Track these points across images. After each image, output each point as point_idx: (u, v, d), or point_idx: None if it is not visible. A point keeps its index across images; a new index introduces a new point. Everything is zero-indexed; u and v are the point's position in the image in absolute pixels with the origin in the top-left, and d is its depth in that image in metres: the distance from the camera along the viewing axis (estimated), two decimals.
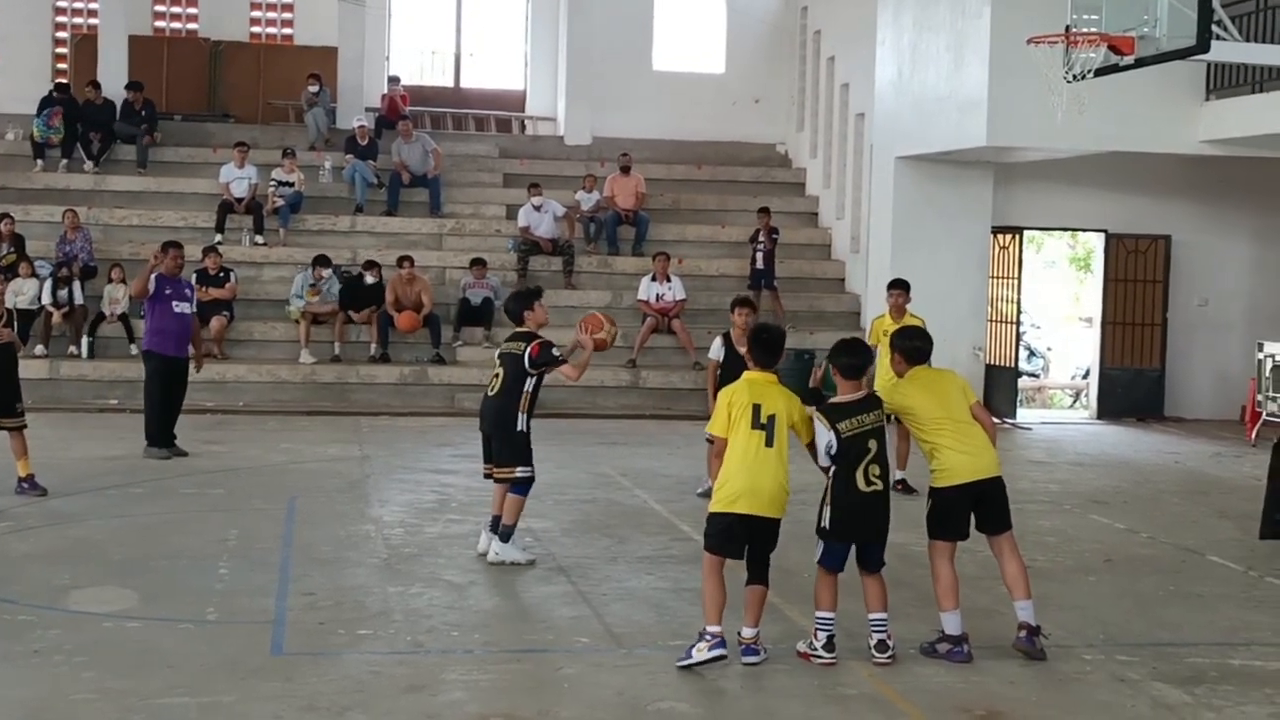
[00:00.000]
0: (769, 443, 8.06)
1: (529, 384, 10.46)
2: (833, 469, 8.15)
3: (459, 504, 12.81)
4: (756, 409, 8.11)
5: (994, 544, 8.57)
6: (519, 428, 10.46)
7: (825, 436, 8.12)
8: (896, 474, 12.10)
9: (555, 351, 10.50)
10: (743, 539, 8.12)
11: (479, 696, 7.45)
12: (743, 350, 11.34)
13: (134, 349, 19.04)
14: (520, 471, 10.50)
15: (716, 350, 13.02)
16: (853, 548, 8.27)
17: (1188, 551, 11.70)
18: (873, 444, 8.14)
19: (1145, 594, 10.16)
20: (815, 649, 8.18)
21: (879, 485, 8.15)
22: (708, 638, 8.00)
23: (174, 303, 14.76)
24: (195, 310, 15.32)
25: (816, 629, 8.21)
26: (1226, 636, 9.04)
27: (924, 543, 8.57)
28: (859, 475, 8.10)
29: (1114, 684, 7.93)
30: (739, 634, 8.12)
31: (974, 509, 8.45)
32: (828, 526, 8.18)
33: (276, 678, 7.65)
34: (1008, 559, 8.51)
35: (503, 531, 10.49)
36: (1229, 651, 8.65)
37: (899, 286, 14.05)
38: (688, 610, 9.07)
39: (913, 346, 8.66)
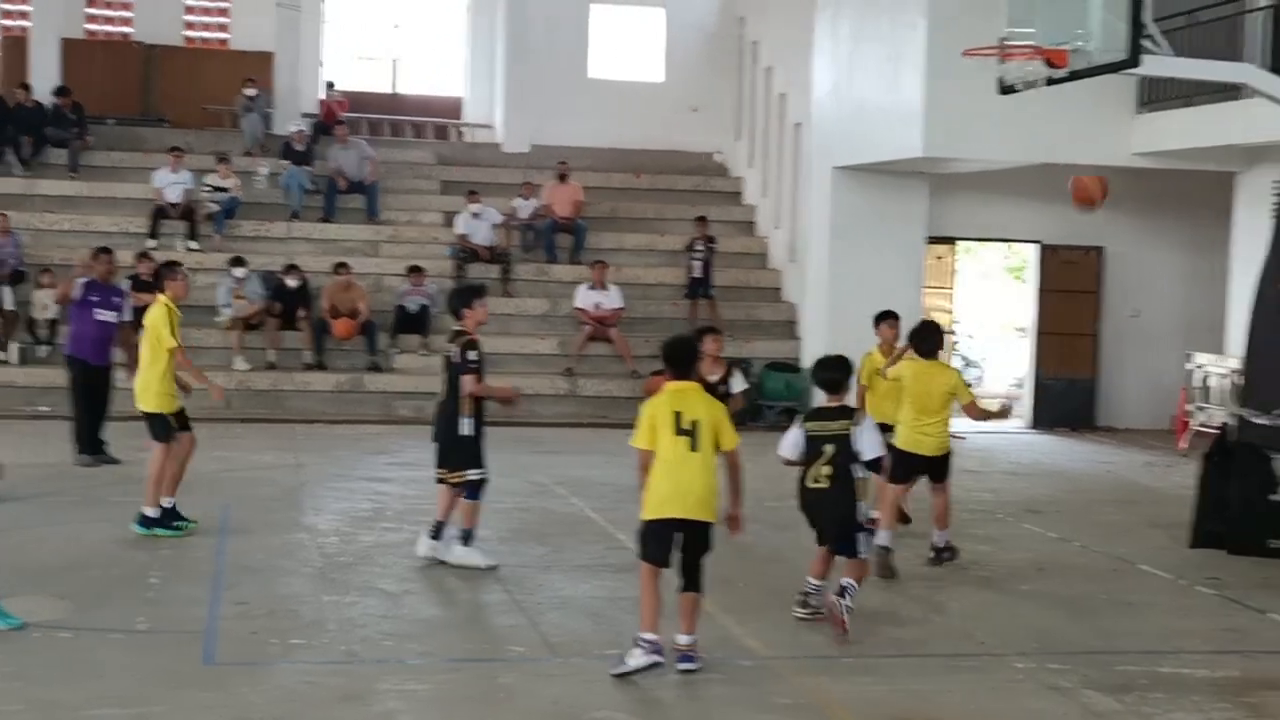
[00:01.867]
0: (693, 447, 8.10)
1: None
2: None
3: (394, 512, 12.75)
4: (678, 416, 8.16)
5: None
6: (463, 431, 10.39)
7: (793, 434, 9.04)
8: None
9: (472, 356, 10.35)
10: (668, 546, 8.15)
11: (414, 707, 7.41)
12: (713, 378, 11.43)
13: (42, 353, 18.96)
14: (472, 474, 10.44)
15: None
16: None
17: (1119, 560, 11.81)
18: (828, 448, 8.88)
19: (1077, 602, 10.25)
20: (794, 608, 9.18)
21: (825, 485, 8.89)
22: (643, 645, 8.02)
23: (96, 310, 14.62)
24: (128, 317, 15.13)
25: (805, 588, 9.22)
26: (1156, 644, 9.13)
27: None
28: (809, 474, 8.94)
29: (1045, 692, 7.99)
30: (674, 641, 8.12)
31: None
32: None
33: (208, 688, 7.58)
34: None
35: (462, 534, 10.50)
36: (1159, 659, 8.73)
37: (890, 318, 13.05)
38: (624, 619, 9.06)
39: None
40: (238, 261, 20.36)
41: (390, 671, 8.01)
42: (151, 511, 11.31)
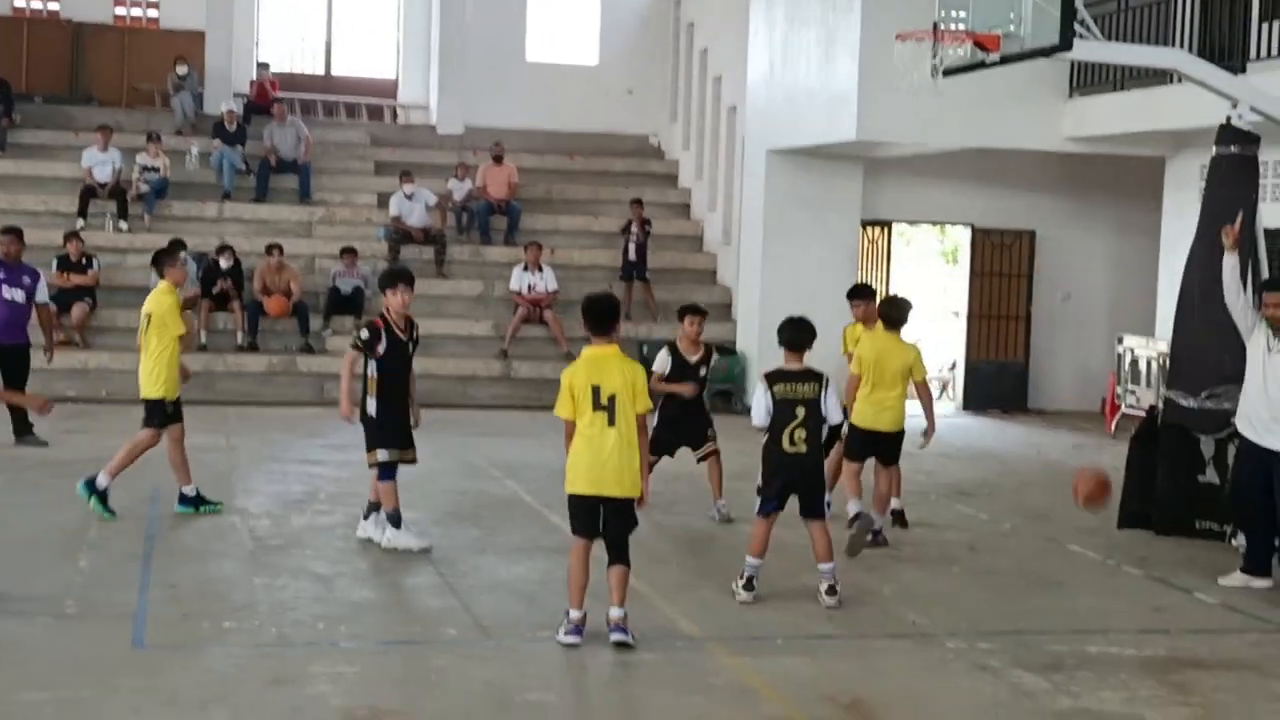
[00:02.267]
0: (611, 422, 8.11)
1: (371, 368, 10.39)
2: (766, 434, 9.17)
3: (327, 495, 12.68)
4: (596, 391, 8.16)
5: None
6: (368, 411, 10.42)
7: (763, 400, 9.16)
8: (894, 503, 11.96)
9: (362, 336, 10.43)
10: (593, 518, 8.21)
11: (345, 690, 7.37)
12: (694, 359, 11.50)
13: None
14: (379, 455, 10.43)
15: (662, 362, 11.92)
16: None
17: (1048, 541, 11.92)
18: (800, 411, 9.11)
19: (1007, 583, 10.34)
20: (735, 588, 9.25)
21: (802, 448, 9.15)
22: (566, 622, 8.20)
23: (4, 288, 14.46)
24: (44, 298, 15.03)
25: (743, 570, 9.27)
26: (1085, 624, 9.23)
27: None
28: (785, 437, 9.11)
29: (975, 671, 8.06)
30: (607, 615, 8.17)
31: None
32: (760, 483, 9.27)
33: (137, 672, 7.52)
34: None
35: (389, 517, 10.49)
36: (1087, 639, 8.82)
37: (859, 295, 12.84)
38: (557, 601, 9.04)
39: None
40: (176, 244, 20.07)
41: (321, 654, 7.97)
42: (189, 490, 11.55)
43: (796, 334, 9.44)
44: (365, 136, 25.40)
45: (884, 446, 11.31)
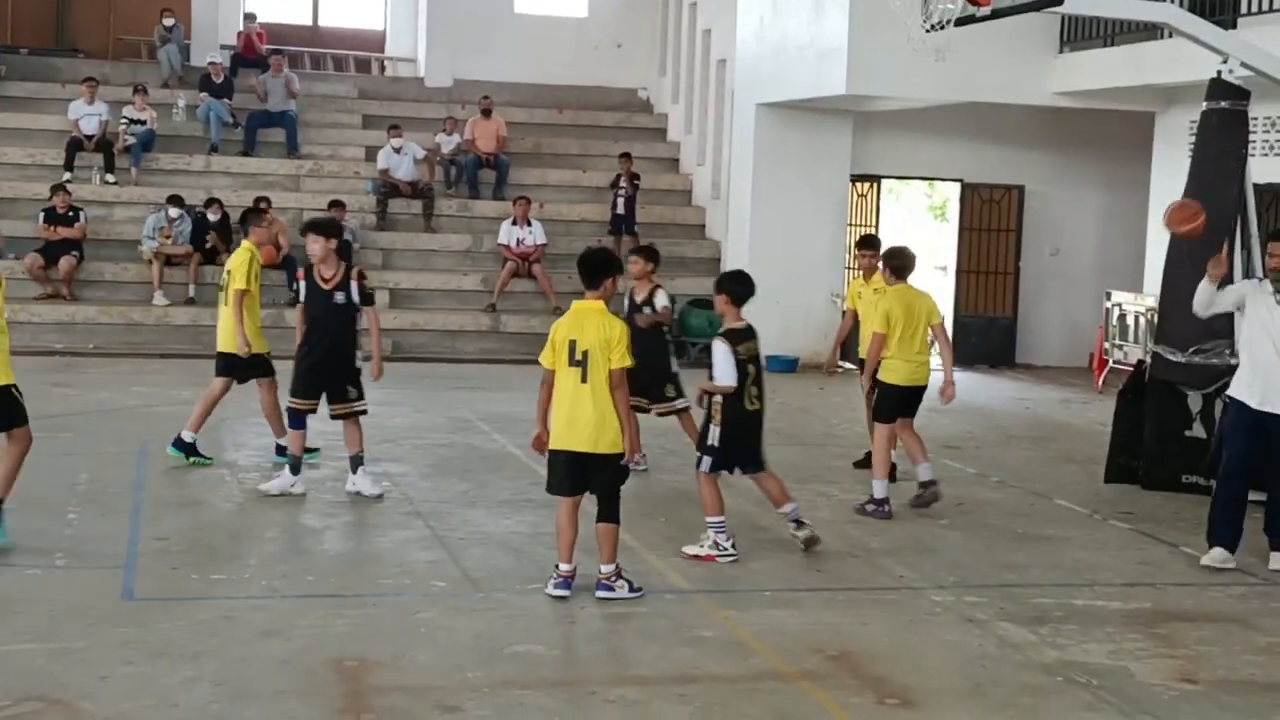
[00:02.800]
0: (584, 379, 8.13)
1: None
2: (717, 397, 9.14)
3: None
4: (572, 345, 8.18)
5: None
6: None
7: (729, 359, 9.12)
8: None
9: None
10: (572, 476, 8.24)
11: (334, 641, 7.40)
12: (640, 298, 11.53)
13: None
14: (289, 402, 10.87)
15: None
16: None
17: (1035, 495, 11.97)
18: (751, 368, 9.21)
19: (994, 537, 10.39)
20: (723, 548, 9.14)
21: (758, 405, 9.28)
22: (555, 574, 8.29)
23: None
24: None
25: (713, 531, 9.17)
26: (1071, 577, 9.28)
27: None
28: (745, 396, 9.18)
29: (962, 624, 8.11)
30: (598, 570, 8.22)
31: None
32: (716, 443, 9.16)
33: (127, 623, 7.54)
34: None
35: (288, 464, 10.78)
36: (1073, 592, 8.87)
37: (866, 246, 12.98)
38: (545, 554, 9.09)
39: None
40: (175, 200, 20.06)
41: (311, 606, 7.99)
42: (283, 441, 11.58)
43: (745, 288, 9.42)
44: (353, 89, 25.29)
45: (917, 401, 11.12)
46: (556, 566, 8.33)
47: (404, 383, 15.52)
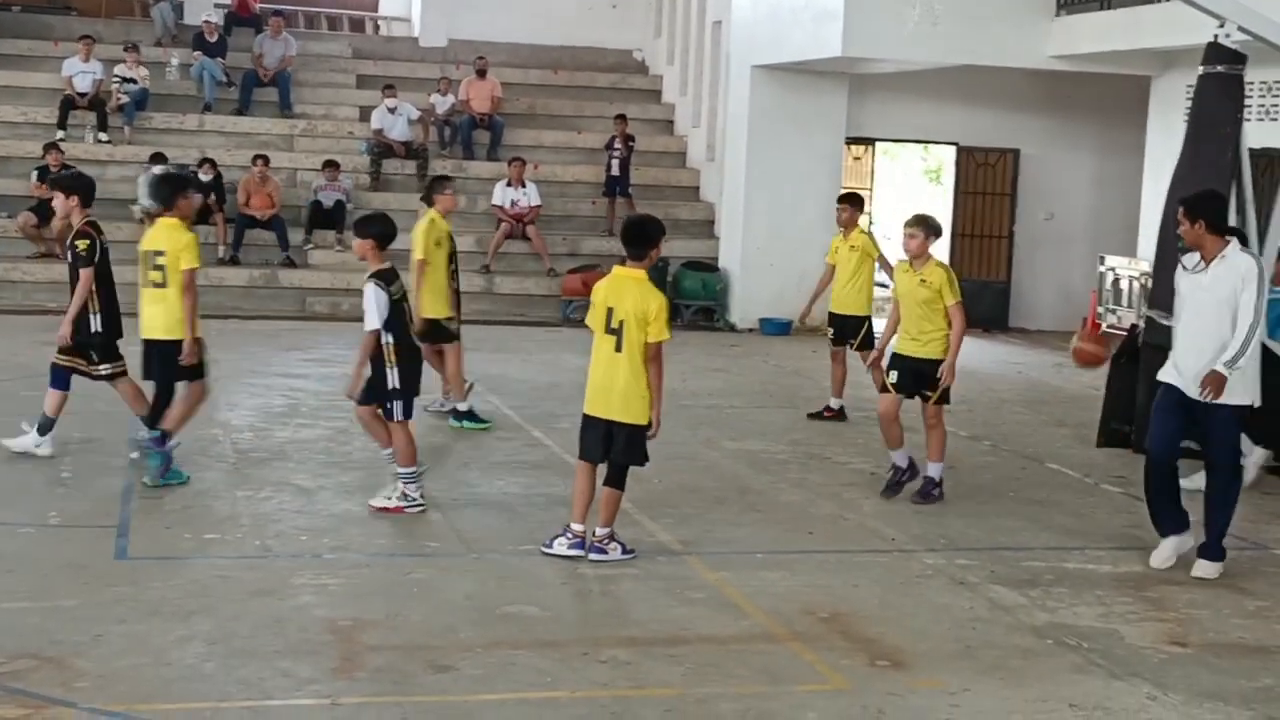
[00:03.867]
0: (618, 348, 8.09)
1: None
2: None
3: (309, 409, 12.70)
4: (609, 313, 8.14)
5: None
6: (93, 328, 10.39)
7: (383, 300, 8.96)
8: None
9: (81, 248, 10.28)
10: (602, 442, 8.21)
11: (327, 601, 7.42)
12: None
13: None
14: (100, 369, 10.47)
15: None
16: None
17: (1028, 459, 12.00)
18: (407, 306, 9.23)
19: (986, 500, 10.42)
20: (411, 499, 9.12)
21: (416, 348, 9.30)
22: (567, 535, 8.30)
23: None
24: None
25: (402, 482, 9.12)
26: (1062, 541, 9.31)
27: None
28: (411, 334, 9.21)
29: (953, 587, 8.14)
30: (592, 533, 8.25)
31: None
32: (399, 385, 9.02)
33: (120, 582, 7.55)
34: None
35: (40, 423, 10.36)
36: (1064, 555, 8.91)
37: (844, 201, 13.20)
38: (539, 515, 9.12)
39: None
40: (158, 158, 19.98)
41: (304, 566, 8.01)
42: (463, 405, 12.00)
43: (389, 229, 9.52)
44: (347, 49, 25.17)
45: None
46: (568, 526, 8.34)
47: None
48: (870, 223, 21.29)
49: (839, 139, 20.60)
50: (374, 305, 8.96)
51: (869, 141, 21.31)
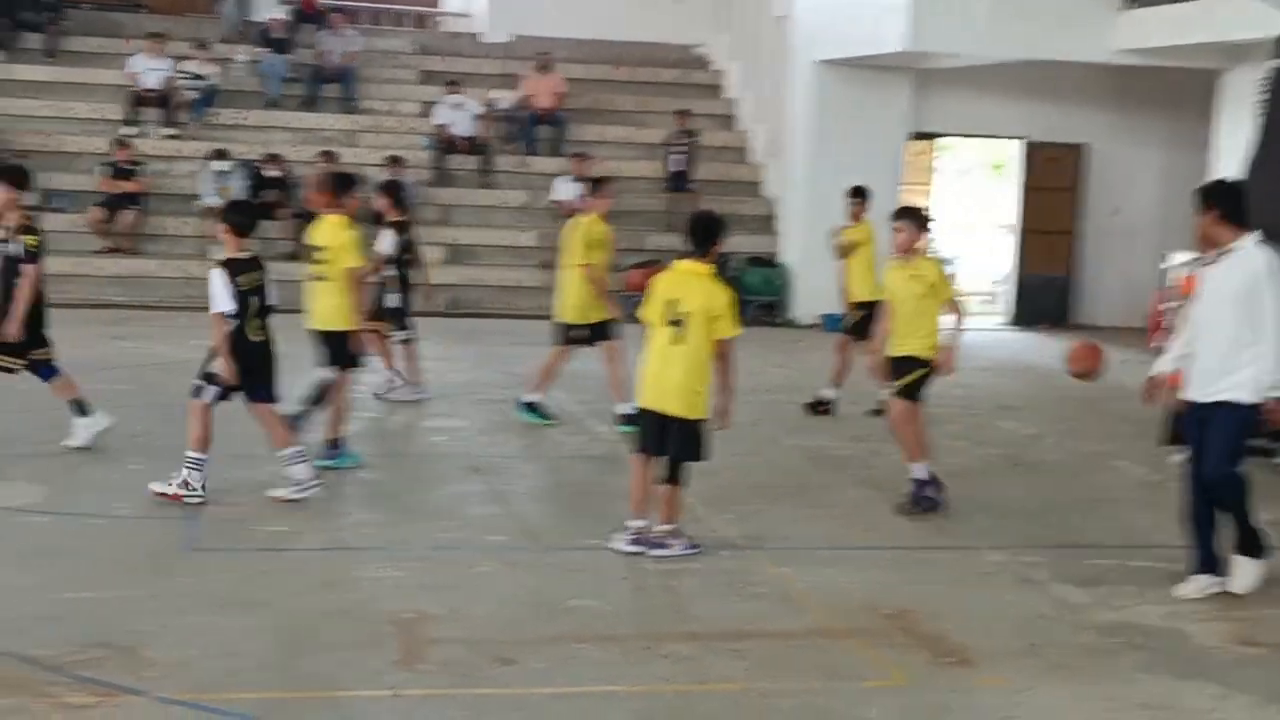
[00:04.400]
0: (678, 340, 8.08)
1: None
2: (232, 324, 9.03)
3: (373, 401, 12.76)
4: (671, 306, 8.14)
5: None
6: None
7: (227, 286, 8.99)
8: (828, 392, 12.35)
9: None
10: (657, 435, 8.21)
11: (392, 593, 7.47)
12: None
13: None
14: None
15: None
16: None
17: (1092, 456, 11.91)
18: (255, 300, 9.11)
19: (1051, 497, 10.35)
20: (192, 488, 9.00)
21: (263, 336, 9.17)
22: (627, 531, 8.28)
23: None
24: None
25: (187, 469, 9.02)
26: (1127, 539, 9.24)
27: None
28: (248, 326, 9.07)
29: (1018, 584, 8.10)
30: (654, 528, 8.26)
31: None
32: (217, 373, 9.04)
33: (188, 573, 7.64)
34: None
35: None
36: (1130, 553, 8.84)
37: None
38: (602, 509, 9.14)
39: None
40: (220, 154, 20.16)
41: (369, 559, 8.07)
42: (626, 408, 11.32)
43: (247, 218, 9.66)
44: (411, 45, 25.29)
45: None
46: (626, 523, 8.34)
47: (462, 338, 15.62)
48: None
49: (902, 134, 20.51)
50: (219, 289, 9.01)
51: (933, 136, 21.19)
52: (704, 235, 8.27)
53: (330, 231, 10.30)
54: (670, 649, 6.80)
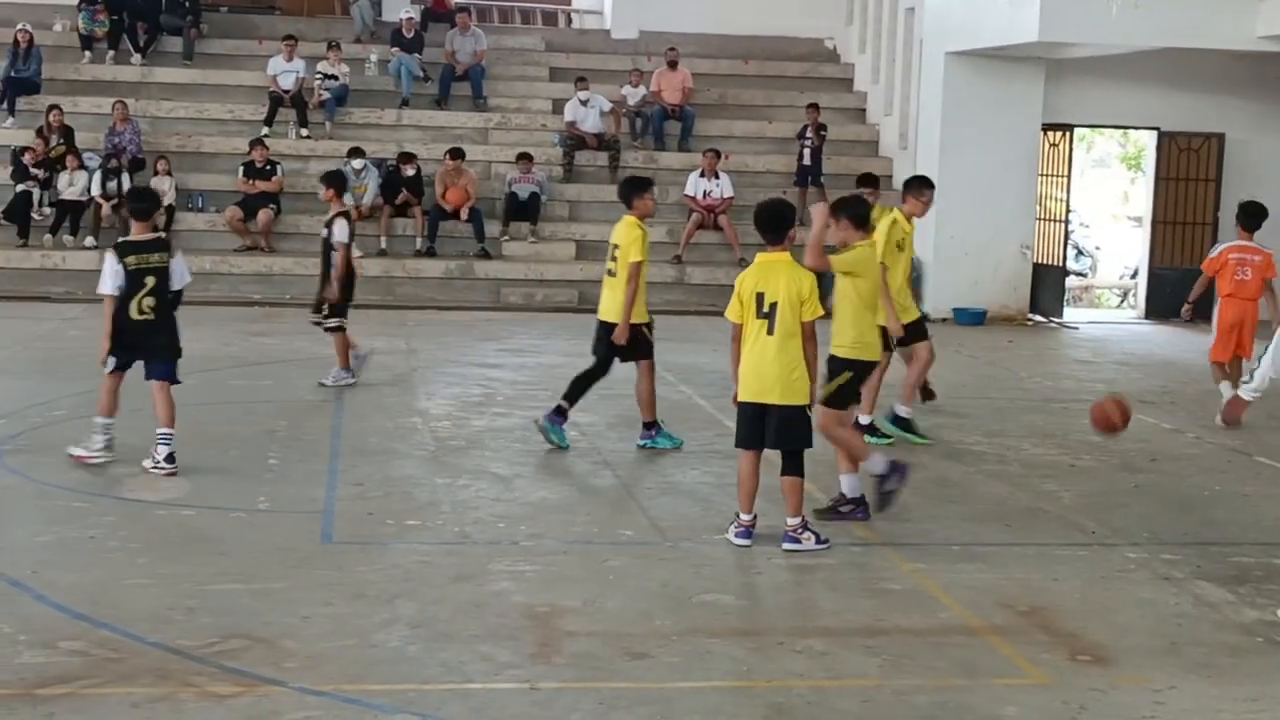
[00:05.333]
0: (770, 330, 8.13)
1: None
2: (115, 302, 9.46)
3: (505, 398, 12.89)
4: (760, 297, 8.20)
5: None
6: None
7: (115, 268, 9.38)
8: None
9: None
10: (757, 428, 8.25)
11: (525, 587, 7.53)
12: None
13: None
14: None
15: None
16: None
17: (1233, 451, 11.67)
18: (150, 280, 9.44)
19: (1190, 493, 10.16)
20: (93, 450, 9.69)
21: (150, 315, 9.47)
22: (737, 523, 8.38)
23: None
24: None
25: (97, 433, 9.69)
26: (1272, 536, 9.04)
27: None
28: (132, 306, 9.41)
29: (1157, 582, 7.96)
30: (785, 522, 8.27)
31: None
32: (108, 346, 9.54)
33: (326, 566, 7.76)
34: None
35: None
36: (1273, 551, 8.65)
37: (866, 183, 13.66)
38: (731, 504, 9.09)
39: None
40: (356, 152, 20.47)
41: (502, 553, 8.14)
42: (903, 411, 11.56)
43: (152, 204, 10.07)
44: (540, 42, 25.45)
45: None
46: (737, 515, 8.39)
47: (586, 333, 15.62)
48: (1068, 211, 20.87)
49: (1035, 125, 20.23)
50: (105, 270, 9.47)
51: (1066, 127, 20.88)
52: (777, 224, 8.35)
53: (623, 230, 10.77)
54: (803, 644, 6.78)
